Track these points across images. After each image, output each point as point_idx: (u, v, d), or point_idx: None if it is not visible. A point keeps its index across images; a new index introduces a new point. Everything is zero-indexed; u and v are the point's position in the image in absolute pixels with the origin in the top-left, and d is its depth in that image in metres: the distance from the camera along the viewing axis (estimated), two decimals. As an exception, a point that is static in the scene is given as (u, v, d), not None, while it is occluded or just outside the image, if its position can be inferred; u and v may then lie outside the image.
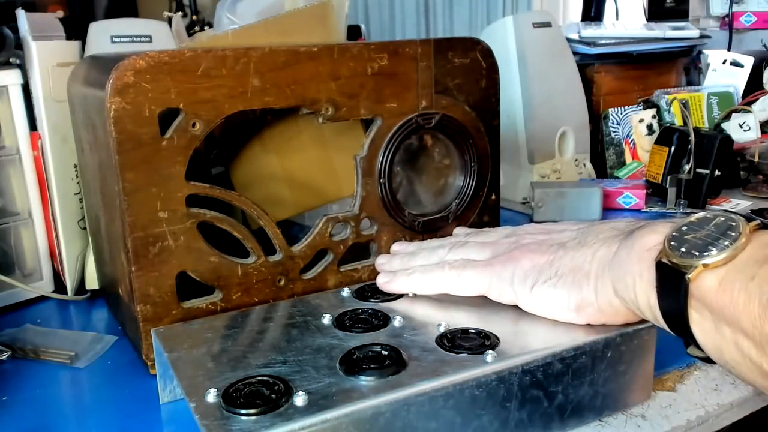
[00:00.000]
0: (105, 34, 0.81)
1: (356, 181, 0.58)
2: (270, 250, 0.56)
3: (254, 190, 0.70)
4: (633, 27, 1.23)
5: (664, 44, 1.22)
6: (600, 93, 1.16)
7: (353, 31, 1.35)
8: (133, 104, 0.47)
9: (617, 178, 1.07)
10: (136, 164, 0.48)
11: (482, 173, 0.64)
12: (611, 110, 1.12)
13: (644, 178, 1.00)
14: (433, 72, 0.60)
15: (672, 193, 0.92)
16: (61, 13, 0.84)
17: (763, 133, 1.09)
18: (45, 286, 0.70)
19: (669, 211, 0.92)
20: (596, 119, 1.13)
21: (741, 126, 1.07)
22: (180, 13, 1.14)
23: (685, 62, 1.30)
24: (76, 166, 0.70)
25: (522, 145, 1.00)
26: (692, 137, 0.91)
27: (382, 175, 0.59)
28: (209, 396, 0.38)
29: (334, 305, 0.51)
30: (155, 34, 0.83)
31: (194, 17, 1.27)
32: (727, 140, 0.93)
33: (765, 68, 1.16)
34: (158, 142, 0.49)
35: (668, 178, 0.92)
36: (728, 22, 1.44)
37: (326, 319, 0.48)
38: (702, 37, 1.25)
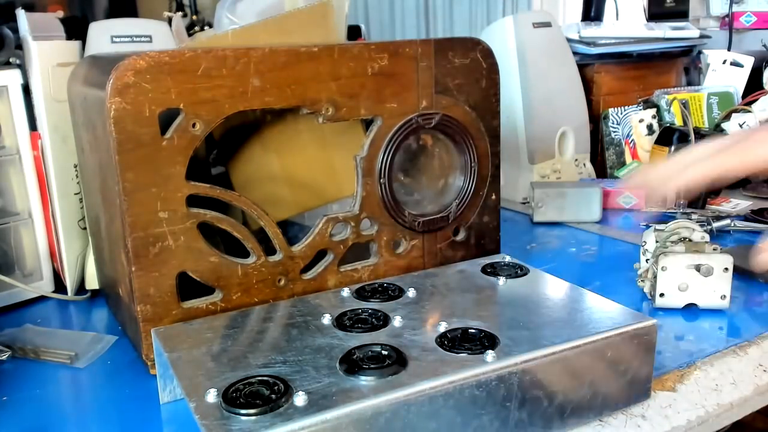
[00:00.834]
0: (105, 34, 0.81)
1: (356, 181, 0.58)
2: (270, 250, 0.56)
3: (254, 190, 0.70)
4: (633, 27, 1.23)
5: (664, 44, 1.22)
6: (600, 93, 1.16)
7: (353, 31, 1.35)
8: (133, 104, 0.47)
9: (617, 178, 1.07)
10: (136, 164, 0.48)
11: (482, 173, 0.64)
12: (611, 110, 1.12)
13: (644, 178, 1.00)
14: (433, 72, 0.60)
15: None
16: (61, 13, 0.84)
17: (763, 133, 1.09)
18: (45, 286, 0.70)
19: (669, 211, 0.92)
20: (596, 119, 1.13)
21: (741, 126, 1.07)
22: (180, 13, 1.14)
23: (685, 62, 1.30)
24: (76, 166, 0.70)
25: (522, 145, 1.00)
26: (692, 137, 0.91)
27: (382, 175, 0.59)
28: (209, 396, 0.38)
29: (334, 305, 0.51)
30: (155, 34, 0.83)
31: (194, 17, 1.26)
32: (727, 140, 0.93)
33: (765, 68, 1.16)
34: (158, 142, 0.49)
35: (668, 178, 0.92)
36: (728, 22, 1.44)
37: (326, 319, 0.48)
38: (702, 37, 1.25)
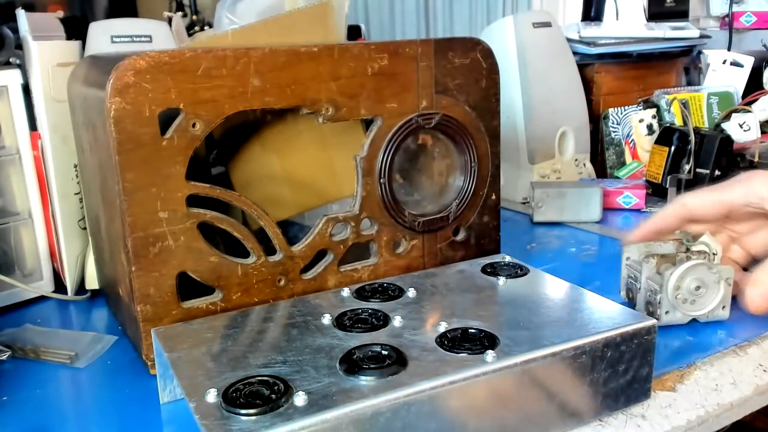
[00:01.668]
0: (105, 34, 0.81)
1: (356, 181, 0.58)
2: (270, 250, 0.56)
3: (254, 190, 0.70)
4: (633, 27, 1.23)
5: (664, 44, 1.22)
6: (600, 93, 1.16)
7: (353, 31, 1.35)
8: (134, 104, 0.47)
9: (617, 178, 1.07)
10: (136, 164, 0.48)
11: (482, 173, 0.65)
12: (611, 110, 1.12)
13: (644, 178, 1.00)
14: (433, 72, 0.60)
15: (672, 193, 0.92)
16: (61, 13, 0.84)
17: (763, 133, 1.09)
18: (45, 286, 0.70)
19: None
20: (596, 119, 1.13)
21: (741, 126, 1.07)
22: (180, 13, 1.14)
23: (685, 62, 1.30)
24: (76, 166, 0.70)
25: (522, 145, 1.00)
26: (692, 137, 0.91)
27: (382, 175, 0.59)
28: (209, 396, 0.38)
29: (334, 305, 0.51)
30: (155, 34, 0.83)
31: (194, 17, 1.27)
32: (727, 140, 0.93)
33: (765, 68, 1.16)
34: (158, 142, 0.49)
35: (668, 178, 0.93)
36: (728, 22, 1.44)
37: (326, 319, 0.48)
38: (702, 37, 1.25)
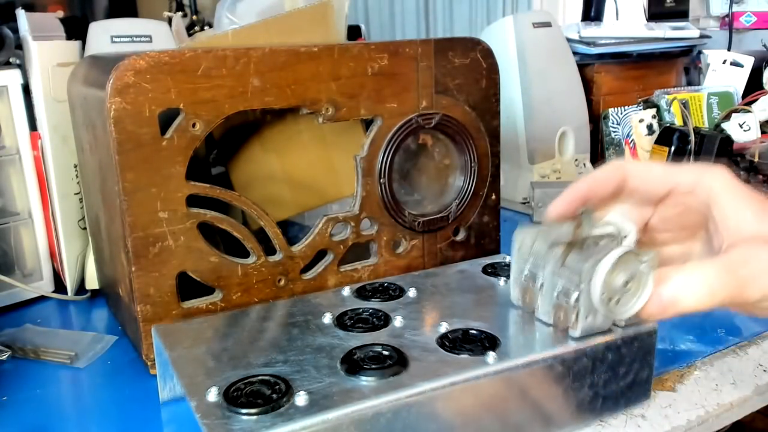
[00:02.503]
0: (105, 34, 0.81)
1: (356, 181, 0.58)
2: (270, 250, 0.56)
3: (254, 190, 0.70)
4: (633, 27, 1.23)
5: (664, 44, 1.22)
6: (600, 93, 1.16)
7: (353, 31, 1.35)
8: (133, 104, 0.47)
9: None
10: (136, 164, 0.48)
11: (482, 173, 0.64)
12: (611, 110, 1.12)
13: (644, 178, 1.00)
14: (433, 72, 0.59)
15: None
16: (61, 13, 0.84)
17: (763, 133, 1.09)
18: (45, 286, 0.70)
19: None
20: (596, 119, 1.13)
21: (741, 126, 1.07)
22: (180, 13, 1.14)
23: (685, 62, 1.30)
24: (76, 166, 0.70)
25: (522, 145, 1.00)
26: (692, 137, 0.91)
27: (382, 175, 0.59)
28: (210, 395, 0.38)
29: (334, 304, 0.51)
30: (155, 34, 0.83)
31: (194, 17, 1.26)
32: (727, 140, 0.93)
33: (765, 68, 1.16)
34: (158, 142, 0.49)
35: (668, 178, 0.92)
36: (728, 22, 1.44)
37: (327, 318, 0.48)
38: (702, 37, 1.25)
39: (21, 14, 0.69)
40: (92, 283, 0.69)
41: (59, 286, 0.72)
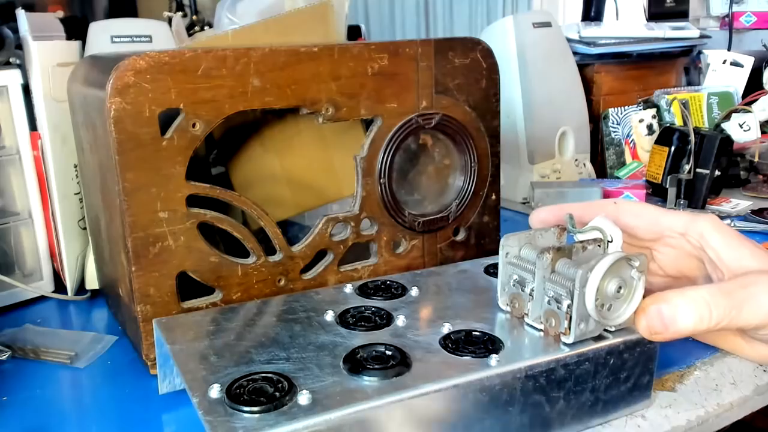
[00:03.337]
0: (105, 34, 0.81)
1: (356, 181, 0.58)
2: (270, 250, 0.56)
3: (254, 190, 0.70)
4: (633, 27, 1.23)
5: (664, 44, 1.22)
6: (600, 93, 1.16)
7: (353, 31, 1.35)
8: (134, 104, 0.47)
9: (617, 178, 1.07)
10: (136, 164, 0.48)
11: (482, 173, 0.64)
12: (611, 110, 1.12)
13: (644, 178, 1.00)
14: (433, 72, 0.59)
15: (672, 193, 0.92)
16: (61, 13, 0.84)
17: (763, 133, 1.09)
18: (45, 286, 0.70)
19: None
20: (596, 119, 1.13)
21: (741, 126, 1.07)
22: (180, 13, 1.14)
23: (685, 62, 1.30)
24: (76, 166, 0.70)
25: (522, 145, 1.00)
26: (692, 137, 0.91)
27: (382, 175, 0.59)
28: (212, 391, 0.38)
29: (336, 301, 0.51)
30: (155, 34, 0.83)
31: (194, 17, 1.26)
32: (727, 140, 0.93)
33: (765, 68, 1.16)
34: (158, 142, 0.49)
35: (668, 178, 0.92)
36: (728, 22, 1.44)
37: (329, 316, 0.48)
38: (702, 37, 1.25)
39: (21, 14, 0.69)
40: (92, 283, 0.69)
41: (59, 286, 0.72)
